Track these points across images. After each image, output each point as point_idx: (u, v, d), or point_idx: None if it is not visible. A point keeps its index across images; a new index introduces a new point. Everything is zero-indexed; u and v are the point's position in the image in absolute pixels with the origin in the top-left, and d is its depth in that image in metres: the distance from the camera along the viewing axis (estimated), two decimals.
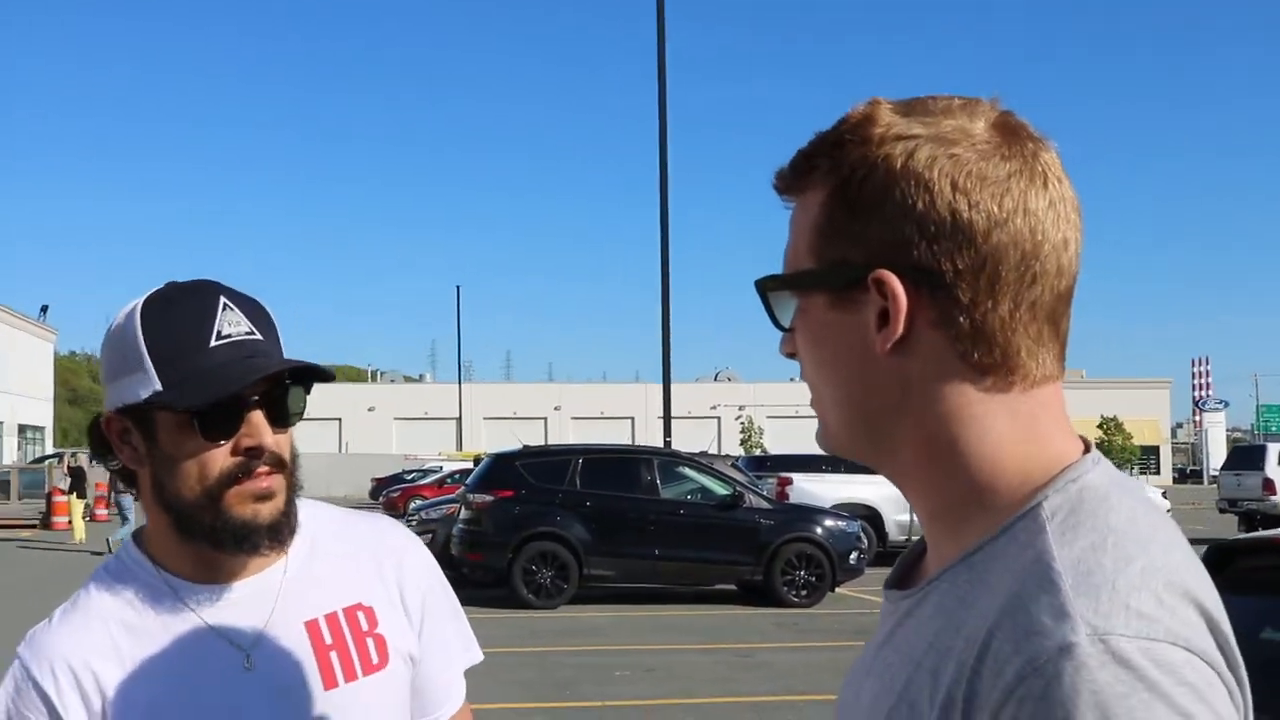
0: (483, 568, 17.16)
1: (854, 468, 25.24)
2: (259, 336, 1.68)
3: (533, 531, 16.88)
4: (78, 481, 30.43)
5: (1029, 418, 1.09)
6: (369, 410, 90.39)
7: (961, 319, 1.06)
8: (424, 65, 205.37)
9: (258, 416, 1.66)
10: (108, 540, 25.82)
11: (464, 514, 17.86)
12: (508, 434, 50.61)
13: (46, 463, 44.67)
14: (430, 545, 1.84)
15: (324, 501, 1.97)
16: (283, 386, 1.70)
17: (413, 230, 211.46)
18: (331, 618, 1.77)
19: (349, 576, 1.83)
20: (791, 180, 1.16)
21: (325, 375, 1.72)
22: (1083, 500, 1.04)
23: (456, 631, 1.94)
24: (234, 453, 1.66)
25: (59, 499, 32.67)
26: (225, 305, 1.67)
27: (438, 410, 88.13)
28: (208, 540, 1.68)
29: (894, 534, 22.93)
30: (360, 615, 1.79)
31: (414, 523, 20.84)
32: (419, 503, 26.50)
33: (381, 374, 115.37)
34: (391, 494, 43.05)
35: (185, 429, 1.64)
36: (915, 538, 1.40)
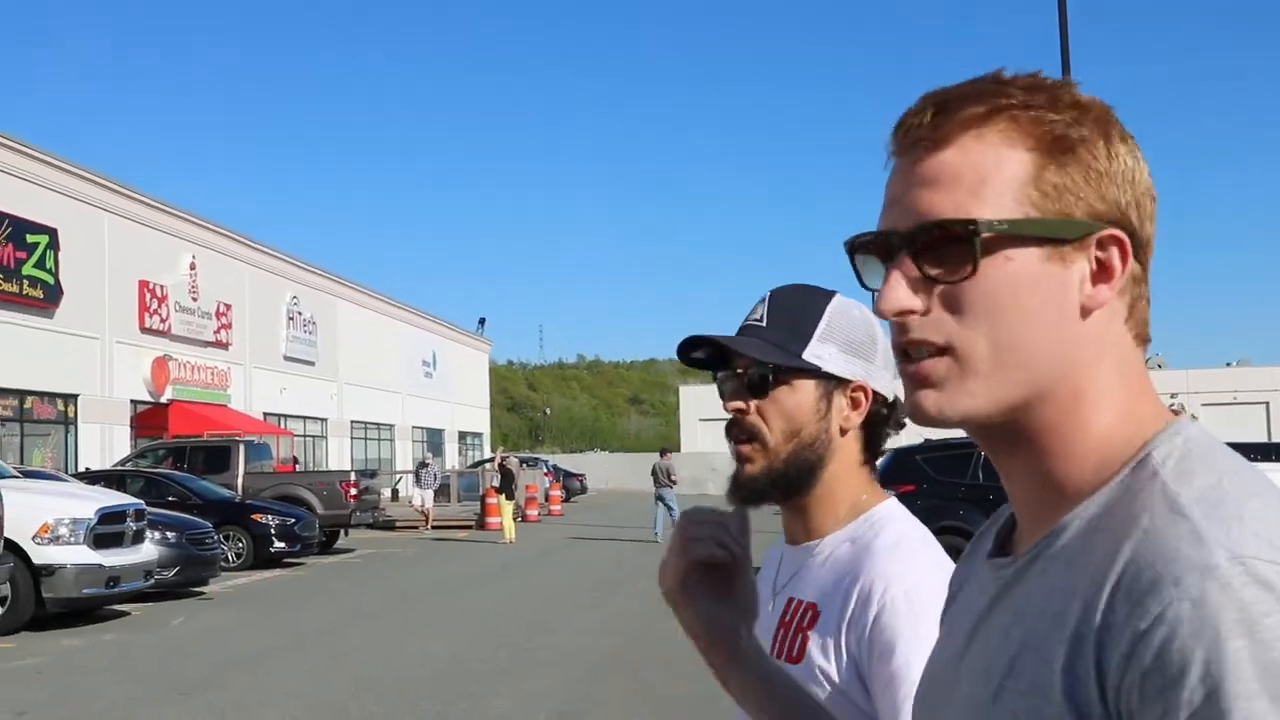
0: None
1: None
2: (763, 324, 1.99)
3: (934, 526, 16.57)
4: (506, 482, 31.95)
5: (1139, 377, 1.16)
6: None
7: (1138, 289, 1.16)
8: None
9: (730, 388, 1.99)
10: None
11: None
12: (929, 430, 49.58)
13: (481, 466, 47.41)
14: None
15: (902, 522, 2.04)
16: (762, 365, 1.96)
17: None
18: (798, 604, 1.97)
19: (827, 579, 1.94)
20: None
21: (749, 364, 1.97)
22: (1190, 450, 1.09)
23: None
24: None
25: (491, 500, 34.58)
26: (762, 300, 2.02)
27: None
28: None
29: None
30: (808, 612, 1.94)
31: None
32: None
33: None
34: None
35: None
36: None
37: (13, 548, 14.84)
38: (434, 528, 35.44)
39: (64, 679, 12.26)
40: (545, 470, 49.04)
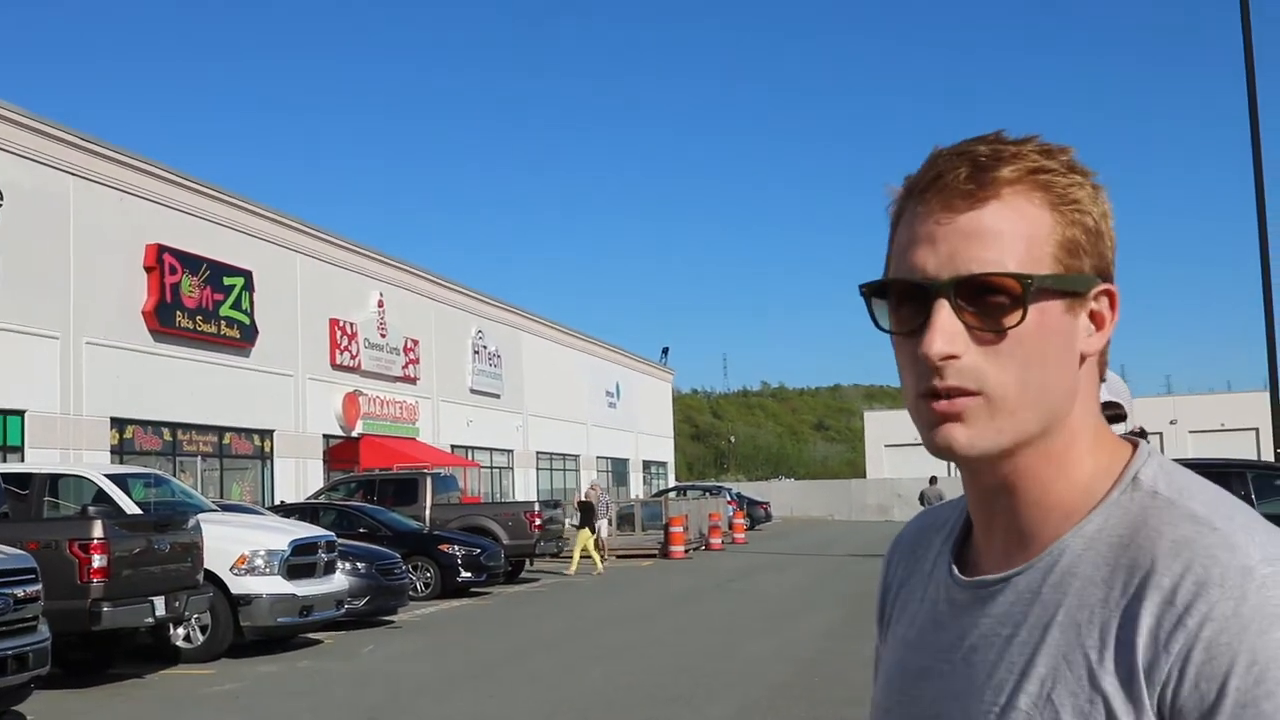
0: None
1: None
2: None
3: None
4: (586, 515, 31.61)
5: (1100, 409, 1.32)
6: None
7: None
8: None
9: None
10: None
11: None
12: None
13: (664, 496, 47.60)
14: None
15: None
16: None
17: None
18: None
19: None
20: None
21: None
22: (1169, 470, 1.25)
23: None
24: None
25: (676, 529, 34.65)
26: None
27: None
28: None
29: None
30: None
31: None
32: None
33: None
34: None
35: None
36: None
37: (212, 578, 15.46)
38: (618, 557, 35.63)
39: (261, 704, 12.71)
40: (728, 499, 48.97)
